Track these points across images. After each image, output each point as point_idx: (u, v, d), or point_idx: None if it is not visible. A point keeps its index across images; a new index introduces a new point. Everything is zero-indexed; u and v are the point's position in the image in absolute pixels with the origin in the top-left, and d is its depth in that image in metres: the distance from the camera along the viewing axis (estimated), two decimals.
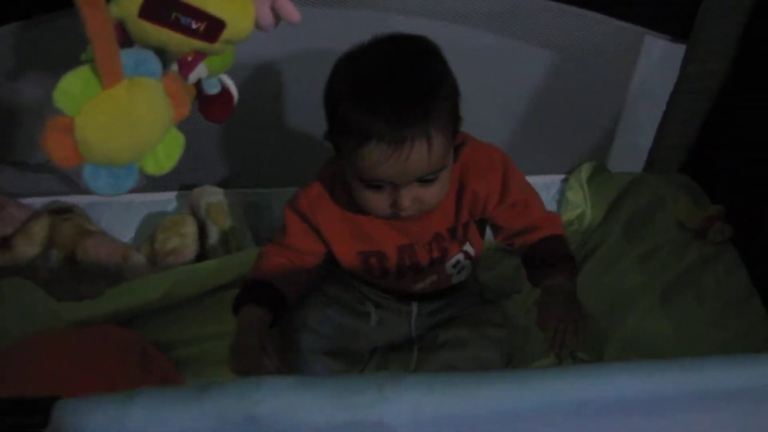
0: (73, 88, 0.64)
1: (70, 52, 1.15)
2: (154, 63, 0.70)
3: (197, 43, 0.75)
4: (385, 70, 0.87)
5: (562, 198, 1.46)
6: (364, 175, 0.89)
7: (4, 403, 0.50)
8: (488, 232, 1.13)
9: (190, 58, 0.80)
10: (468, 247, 1.09)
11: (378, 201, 0.92)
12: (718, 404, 0.52)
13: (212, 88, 0.92)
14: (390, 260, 1.06)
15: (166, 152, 0.74)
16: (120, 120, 0.67)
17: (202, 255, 1.34)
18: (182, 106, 0.74)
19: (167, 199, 1.46)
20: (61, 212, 1.35)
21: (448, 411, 0.51)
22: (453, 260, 1.09)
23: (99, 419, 0.50)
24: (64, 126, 0.64)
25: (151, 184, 1.44)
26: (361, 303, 1.15)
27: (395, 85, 0.85)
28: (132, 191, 1.40)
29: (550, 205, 1.46)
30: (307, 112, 1.33)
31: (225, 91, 0.95)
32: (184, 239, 1.31)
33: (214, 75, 0.90)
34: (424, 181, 0.90)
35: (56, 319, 1.16)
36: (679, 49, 1.27)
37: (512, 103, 1.38)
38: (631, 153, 1.46)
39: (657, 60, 1.32)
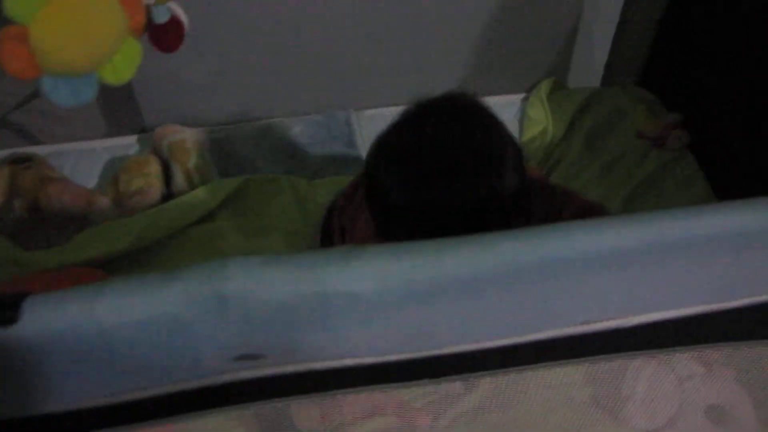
0: None
1: None
2: None
3: None
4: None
5: (524, 116, 1.47)
6: None
7: None
8: None
9: None
10: None
11: None
12: (671, 255, 0.54)
13: (161, 17, 0.89)
14: None
15: (125, 61, 0.72)
16: (74, 27, 0.65)
17: (168, 194, 1.32)
18: (137, 14, 0.73)
19: (129, 143, 1.44)
20: (20, 162, 1.33)
21: (413, 278, 0.52)
22: None
23: (70, 311, 0.50)
24: (17, 35, 0.62)
25: (113, 128, 1.43)
26: None
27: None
28: (93, 137, 1.43)
29: (513, 124, 1.47)
30: (265, 41, 1.33)
31: (174, 19, 0.92)
32: (148, 179, 1.30)
33: (163, 2, 0.88)
34: None
35: (26, 268, 1.15)
36: None
37: (470, 24, 1.38)
38: (588, 68, 1.47)
39: None
